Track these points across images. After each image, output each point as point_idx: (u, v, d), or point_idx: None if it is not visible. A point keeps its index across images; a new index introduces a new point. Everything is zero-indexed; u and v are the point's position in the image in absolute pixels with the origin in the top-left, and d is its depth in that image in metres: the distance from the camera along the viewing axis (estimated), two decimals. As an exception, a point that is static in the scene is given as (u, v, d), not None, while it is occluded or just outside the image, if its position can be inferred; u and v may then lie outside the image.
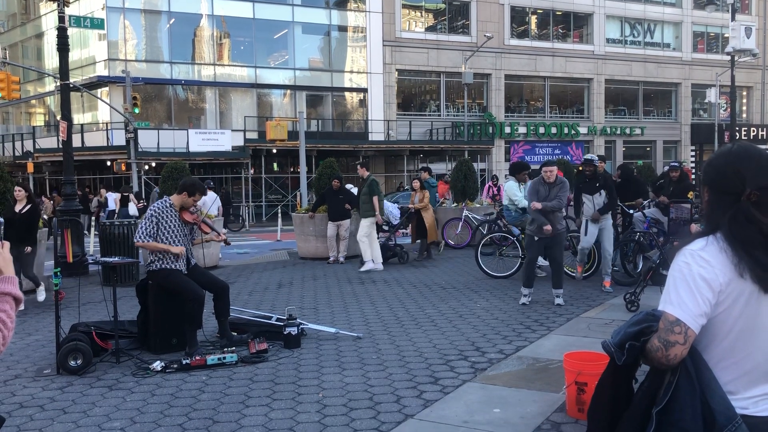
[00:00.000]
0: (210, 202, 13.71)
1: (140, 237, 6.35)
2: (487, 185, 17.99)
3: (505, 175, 20.29)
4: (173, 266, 6.38)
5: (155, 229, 6.36)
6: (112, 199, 20.96)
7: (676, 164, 11.03)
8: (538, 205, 8.30)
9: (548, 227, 8.20)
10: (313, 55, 34.84)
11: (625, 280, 9.80)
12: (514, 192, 10.64)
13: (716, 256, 1.92)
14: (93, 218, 20.70)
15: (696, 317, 1.90)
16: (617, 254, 10.22)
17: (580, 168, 10.17)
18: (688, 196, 10.14)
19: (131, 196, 19.49)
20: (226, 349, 6.26)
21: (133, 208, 18.55)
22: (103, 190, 24.60)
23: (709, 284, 1.90)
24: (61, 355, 5.83)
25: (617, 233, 10.50)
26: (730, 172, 1.97)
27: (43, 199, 25.79)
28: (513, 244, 10.96)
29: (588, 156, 9.77)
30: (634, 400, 2.07)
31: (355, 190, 14.52)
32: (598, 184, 9.29)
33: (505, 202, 11.88)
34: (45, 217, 14.97)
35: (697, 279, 1.91)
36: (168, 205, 6.49)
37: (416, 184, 13.53)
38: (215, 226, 7.52)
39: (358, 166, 12.98)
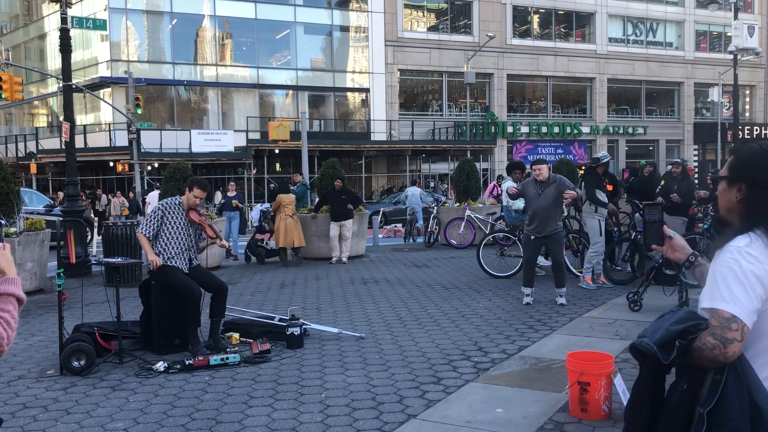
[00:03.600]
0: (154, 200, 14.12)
1: (141, 228, 6.50)
2: (491, 185, 18.00)
3: (501, 177, 20.26)
4: (173, 263, 6.41)
5: (158, 223, 6.44)
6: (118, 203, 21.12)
7: (678, 161, 10.94)
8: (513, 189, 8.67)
9: (572, 193, 8.24)
10: (315, 55, 34.86)
11: (621, 279, 9.82)
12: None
13: (763, 251, 1.94)
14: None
15: (750, 313, 1.90)
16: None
17: (596, 166, 9.89)
18: (697, 194, 10.10)
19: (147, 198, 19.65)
20: (229, 349, 6.28)
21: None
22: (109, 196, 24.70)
23: (760, 280, 1.91)
24: (65, 356, 5.83)
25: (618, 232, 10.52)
26: None
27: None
28: (515, 243, 10.96)
29: (605, 153, 9.85)
30: (671, 401, 2.04)
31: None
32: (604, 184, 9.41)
33: (504, 202, 11.92)
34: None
35: (749, 275, 1.91)
36: (177, 203, 6.58)
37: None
38: (220, 234, 7.50)
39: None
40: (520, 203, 10.51)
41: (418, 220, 17.88)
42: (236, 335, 6.86)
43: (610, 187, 10.98)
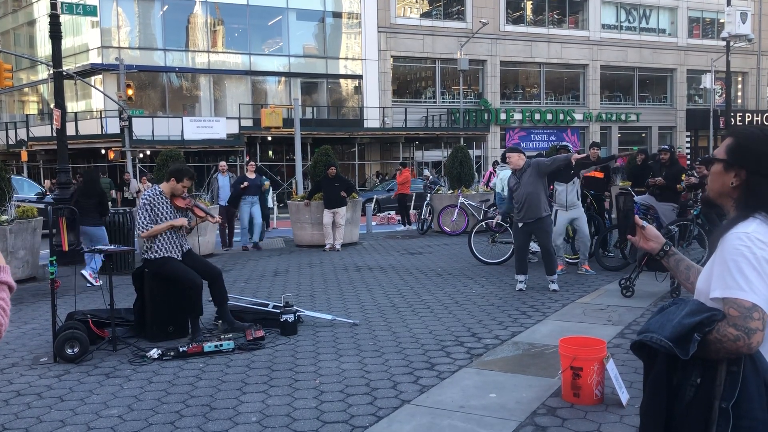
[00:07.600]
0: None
1: (142, 228, 6.43)
2: (488, 171, 17.99)
3: (496, 162, 20.24)
4: (168, 254, 6.42)
5: (150, 216, 6.47)
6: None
7: (666, 147, 10.94)
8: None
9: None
10: (308, 41, 34.66)
11: (613, 265, 9.88)
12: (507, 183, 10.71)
13: None
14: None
15: (767, 301, 1.86)
16: (596, 241, 10.29)
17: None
18: (681, 179, 10.12)
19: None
20: (223, 336, 6.29)
21: None
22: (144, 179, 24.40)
23: None
24: (58, 344, 5.83)
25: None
26: None
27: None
28: (506, 230, 10.98)
29: (565, 143, 9.91)
30: (687, 397, 1.95)
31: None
32: (572, 172, 9.34)
33: (497, 189, 11.93)
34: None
35: (762, 262, 1.87)
36: (158, 192, 6.58)
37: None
38: (209, 211, 7.52)
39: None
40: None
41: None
42: None
43: (600, 175, 11.01)
